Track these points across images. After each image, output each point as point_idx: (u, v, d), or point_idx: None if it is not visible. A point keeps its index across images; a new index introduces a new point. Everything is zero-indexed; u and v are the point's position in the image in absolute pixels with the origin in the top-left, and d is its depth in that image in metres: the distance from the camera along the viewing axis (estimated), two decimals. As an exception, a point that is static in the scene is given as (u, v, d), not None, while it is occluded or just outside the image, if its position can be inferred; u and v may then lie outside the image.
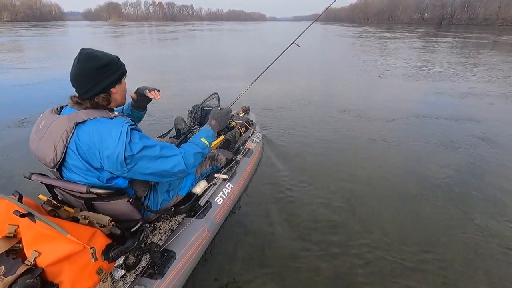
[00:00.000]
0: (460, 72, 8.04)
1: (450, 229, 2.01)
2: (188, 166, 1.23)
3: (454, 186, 2.53)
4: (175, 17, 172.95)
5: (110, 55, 1.17)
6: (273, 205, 2.26)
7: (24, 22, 70.72)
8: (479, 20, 63.04)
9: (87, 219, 1.08)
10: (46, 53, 11.86)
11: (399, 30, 35.01)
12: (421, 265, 1.71)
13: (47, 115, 1.11)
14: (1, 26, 41.24)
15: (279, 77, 7.12)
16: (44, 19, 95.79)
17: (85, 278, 0.96)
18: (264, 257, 1.77)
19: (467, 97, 5.53)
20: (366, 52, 12.85)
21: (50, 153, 1.03)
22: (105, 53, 1.16)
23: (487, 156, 3.09)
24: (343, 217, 2.14)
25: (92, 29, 36.64)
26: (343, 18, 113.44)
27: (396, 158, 3.07)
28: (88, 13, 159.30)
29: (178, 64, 9.62)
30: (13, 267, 0.88)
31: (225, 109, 1.58)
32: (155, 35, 25.80)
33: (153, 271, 1.31)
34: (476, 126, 3.99)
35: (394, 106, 4.96)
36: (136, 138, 1.07)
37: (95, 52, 1.11)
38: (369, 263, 1.73)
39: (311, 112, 4.58)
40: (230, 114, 1.60)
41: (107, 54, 1.16)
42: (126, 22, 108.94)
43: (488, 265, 1.73)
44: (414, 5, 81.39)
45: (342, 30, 33.90)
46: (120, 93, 1.22)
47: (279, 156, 3.04)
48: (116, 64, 1.17)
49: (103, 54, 1.14)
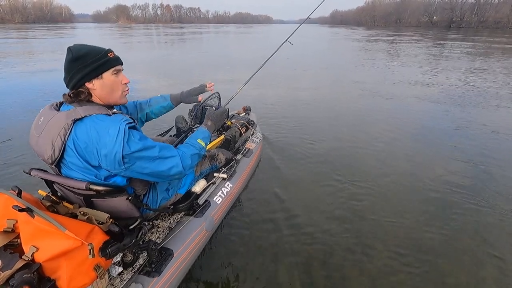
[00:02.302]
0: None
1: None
2: (185, 168, 1.24)
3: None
4: (183, 19, 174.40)
5: (92, 48, 1.09)
6: (272, 205, 2.25)
7: (35, 24, 72.16)
8: (489, 23, 62.03)
9: (85, 216, 1.09)
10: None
11: (413, 33, 33.75)
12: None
13: (46, 111, 1.11)
14: (13, 28, 42.10)
15: (282, 81, 7.11)
16: (54, 21, 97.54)
17: (82, 275, 0.97)
18: (262, 257, 1.76)
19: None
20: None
21: (48, 149, 1.04)
22: (90, 46, 1.10)
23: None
24: (344, 217, 2.12)
25: (101, 31, 37.14)
26: (350, 21, 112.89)
27: (397, 158, 3.03)
28: (97, 15, 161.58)
29: (180, 65, 9.69)
30: (11, 261, 0.89)
31: (220, 109, 1.59)
32: (163, 37, 26.06)
33: (151, 268, 1.31)
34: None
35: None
36: (136, 138, 1.07)
37: (77, 45, 1.09)
38: (376, 265, 1.72)
39: (314, 113, 4.57)
40: (225, 114, 1.60)
41: (90, 47, 1.10)
42: (134, 24, 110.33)
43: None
44: (423, 7, 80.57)
45: (354, 34, 33.45)
46: (102, 89, 1.12)
47: (279, 156, 3.04)
48: (94, 57, 1.07)
49: (81, 47, 1.08)
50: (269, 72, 2.09)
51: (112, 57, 1.13)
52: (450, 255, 1.80)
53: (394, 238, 1.93)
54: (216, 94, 2.69)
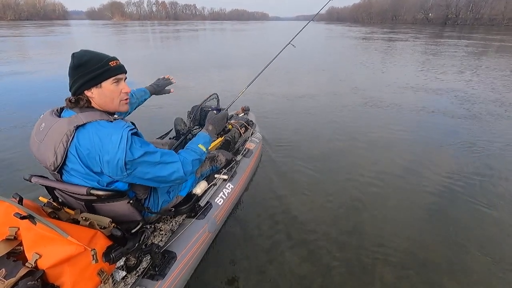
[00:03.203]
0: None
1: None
2: (186, 173, 1.24)
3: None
4: (178, 16, 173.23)
5: (94, 56, 1.08)
6: (274, 205, 2.26)
7: (27, 21, 71.10)
8: (484, 21, 62.43)
9: (87, 221, 1.08)
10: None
11: (409, 30, 33.44)
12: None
13: (47, 117, 1.09)
14: (5, 25, 41.41)
15: (282, 79, 7.09)
16: (47, 18, 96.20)
17: (86, 280, 0.96)
18: (266, 257, 1.77)
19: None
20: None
21: (51, 156, 1.03)
22: (93, 53, 1.09)
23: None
24: (345, 217, 2.13)
25: (96, 29, 36.66)
26: (346, 18, 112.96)
27: (398, 159, 3.05)
28: (91, 12, 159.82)
29: (178, 64, 9.62)
30: (14, 269, 0.88)
31: (221, 113, 1.59)
32: (158, 35, 25.84)
33: (154, 272, 1.31)
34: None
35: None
36: (138, 144, 1.06)
37: (81, 52, 1.08)
38: (380, 263, 1.73)
39: (315, 113, 4.57)
40: (226, 118, 1.61)
41: (92, 54, 1.08)
42: (129, 21, 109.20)
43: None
44: (418, 4, 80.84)
45: (355, 32, 33.35)
46: (100, 98, 1.10)
47: (279, 156, 3.04)
48: (94, 66, 1.06)
49: (84, 54, 1.07)
50: (268, 72, 2.08)
51: (114, 66, 1.11)
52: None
53: (397, 237, 1.95)
54: (215, 95, 2.68)
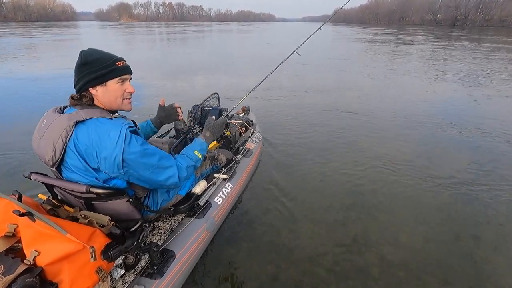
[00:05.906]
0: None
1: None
2: (181, 179, 1.25)
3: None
4: (185, 17, 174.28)
5: (102, 55, 1.10)
6: (273, 205, 2.25)
7: (37, 22, 72.34)
8: (494, 22, 61.34)
9: (86, 219, 1.09)
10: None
11: (422, 32, 33.02)
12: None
13: (49, 114, 1.11)
14: (17, 26, 42.23)
15: (282, 81, 7.08)
16: (57, 19, 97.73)
17: (84, 278, 0.97)
18: (265, 257, 1.77)
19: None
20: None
21: (50, 151, 1.04)
22: (101, 52, 1.11)
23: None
24: (345, 217, 2.12)
25: (107, 30, 37.12)
26: (353, 19, 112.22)
27: (399, 160, 3.02)
28: (99, 13, 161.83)
29: (179, 65, 9.68)
30: (12, 266, 0.89)
31: (220, 120, 1.60)
32: (165, 36, 26.04)
33: (153, 270, 1.32)
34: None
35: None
36: (137, 142, 1.07)
37: (89, 50, 1.10)
38: (382, 261, 1.72)
39: (314, 113, 4.55)
40: (224, 125, 1.63)
41: (100, 53, 1.11)
42: (136, 22, 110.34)
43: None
44: (427, 5, 79.90)
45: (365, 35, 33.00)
46: (104, 96, 1.12)
47: (279, 156, 3.03)
48: (101, 65, 1.08)
49: (92, 53, 1.09)
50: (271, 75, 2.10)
51: (120, 66, 1.13)
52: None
53: (399, 235, 1.92)
54: (215, 95, 2.68)
